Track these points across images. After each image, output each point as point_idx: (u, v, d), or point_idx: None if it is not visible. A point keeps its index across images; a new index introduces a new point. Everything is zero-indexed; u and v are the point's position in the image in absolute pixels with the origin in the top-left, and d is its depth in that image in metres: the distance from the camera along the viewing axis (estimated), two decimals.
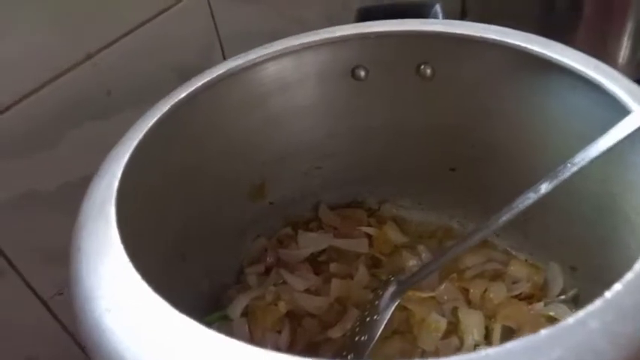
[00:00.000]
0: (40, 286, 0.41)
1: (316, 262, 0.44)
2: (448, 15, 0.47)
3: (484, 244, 0.43)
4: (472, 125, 0.39)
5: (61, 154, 0.39)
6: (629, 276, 0.19)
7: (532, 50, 0.32)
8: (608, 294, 0.18)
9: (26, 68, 0.36)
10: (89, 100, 0.40)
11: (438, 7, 0.46)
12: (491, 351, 0.18)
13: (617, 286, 0.18)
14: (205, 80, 0.33)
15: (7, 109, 0.36)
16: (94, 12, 0.38)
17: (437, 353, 0.37)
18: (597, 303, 0.18)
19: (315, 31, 0.36)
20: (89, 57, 0.39)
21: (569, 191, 0.31)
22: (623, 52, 0.52)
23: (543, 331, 0.17)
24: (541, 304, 0.37)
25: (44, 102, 0.37)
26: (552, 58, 0.31)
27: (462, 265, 0.42)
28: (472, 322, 0.37)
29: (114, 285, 0.22)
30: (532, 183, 0.30)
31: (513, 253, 0.42)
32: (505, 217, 0.28)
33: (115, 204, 0.25)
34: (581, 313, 0.18)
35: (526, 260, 0.41)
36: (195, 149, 0.35)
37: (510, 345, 0.17)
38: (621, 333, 0.17)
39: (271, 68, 0.37)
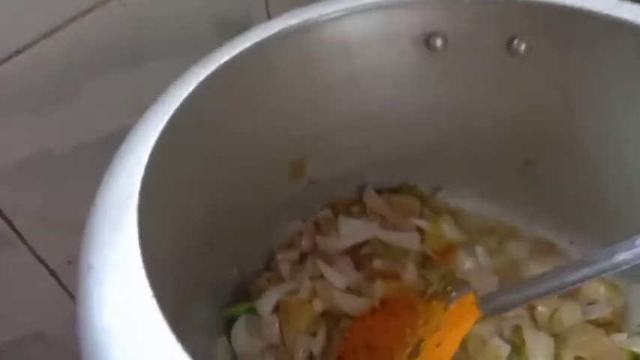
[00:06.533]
0: (49, 256, 0.37)
1: (357, 254, 0.38)
2: None
3: (553, 250, 0.38)
4: (563, 117, 0.33)
5: (78, 109, 0.34)
6: None
7: None
8: None
9: (42, 5, 0.30)
10: (113, 47, 0.34)
11: None
12: None
13: None
14: (253, 42, 0.27)
15: (18, 53, 0.31)
16: None
17: None
18: None
19: None
20: None
21: None
22: None
23: None
24: (623, 335, 0.31)
25: (60, 47, 0.32)
26: None
27: (525, 274, 0.36)
28: (539, 348, 0.32)
29: (129, 320, 0.17)
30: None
31: None
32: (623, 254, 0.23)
33: (137, 211, 0.19)
34: None
35: (603, 278, 0.35)
36: (230, 123, 0.30)
37: None
38: None
39: (330, 30, 0.30)
